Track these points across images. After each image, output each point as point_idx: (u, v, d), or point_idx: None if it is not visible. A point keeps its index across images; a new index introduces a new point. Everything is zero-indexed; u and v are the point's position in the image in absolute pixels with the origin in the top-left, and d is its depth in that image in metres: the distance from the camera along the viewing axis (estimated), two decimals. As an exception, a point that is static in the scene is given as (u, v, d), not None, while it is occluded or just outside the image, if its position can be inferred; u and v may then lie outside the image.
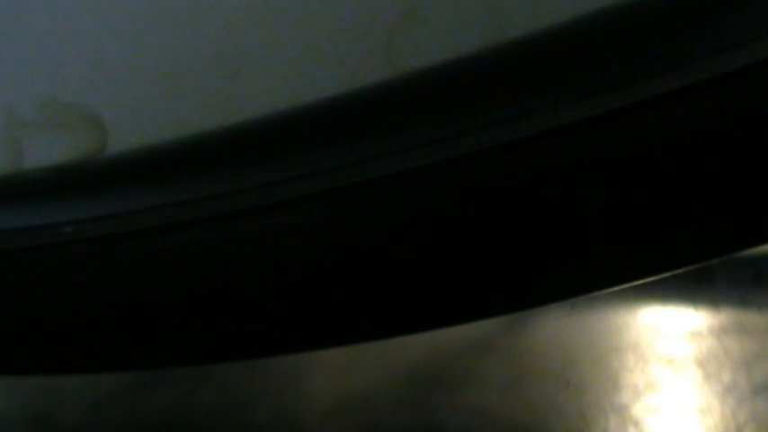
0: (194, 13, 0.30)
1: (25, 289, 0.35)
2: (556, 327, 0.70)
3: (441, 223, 0.30)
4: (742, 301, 0.72)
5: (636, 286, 0.34)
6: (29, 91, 0.32)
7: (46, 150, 0.32)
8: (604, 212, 0.30)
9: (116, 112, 0.31)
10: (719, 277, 0.75)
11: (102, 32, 0.31)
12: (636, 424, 0.52)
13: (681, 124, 0.28)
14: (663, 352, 0.64)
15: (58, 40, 0.31)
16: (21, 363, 0.38)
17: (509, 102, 0.29)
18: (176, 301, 0.33)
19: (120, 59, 0.31)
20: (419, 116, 0.30)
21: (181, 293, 0.33)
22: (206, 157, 0.31)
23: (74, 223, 0.33)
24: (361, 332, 0.34)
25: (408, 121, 0.30)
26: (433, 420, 0.55)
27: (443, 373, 0.63)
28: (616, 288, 0.32)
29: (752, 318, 0.69)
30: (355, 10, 0.29)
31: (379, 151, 0.30)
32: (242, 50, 0.30)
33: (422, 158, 0.30)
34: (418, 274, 0.31)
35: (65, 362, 0.37)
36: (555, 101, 0.29)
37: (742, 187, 0.29)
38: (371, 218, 0.31)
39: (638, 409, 0.54)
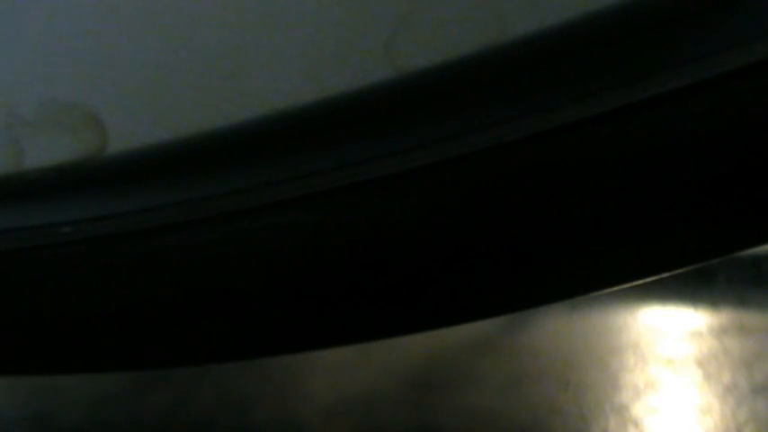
0: (194, 12, 0.30)
1: (25, 289, 0.35)
2: (556, 327, 0.70)
3: (441, 223, 0.30)
4: (742, 301, 0.72)
5: (636, 286, 0.33)
6: (29, 91, 0.32)
7: (46, 150, 0.32)
8: (604, 212, 0.30)
9: (116, 112, 0.31)
10: (719, 277, 0.75)
11: (101, 32, 0.31)
12: (636, 424, 0.52)
13: (681, 124, 0.28)
14: (663, 352, 0.64)
15: (58, 40, 0.31)
16: (21, 363, 0.38)
17: (509, 102, 0.29)
18: (176, 301, 0.33)
19: (119, 59, 0.31)
20: (420, 116, 0.30)
21: (180, 293, 0.33)
22: (206, 157, 0.31)
23: (74, 223, 0.33)
24: (361, 332, 0.34)
25: (409, 120, 0.30)
26: (432, 420, 0.55)
27: (443, 373, 0.63)
28: (616, 288, 0.32)
29: (752, 318, 0.69)
30: (355, 10, 0.29)
31: (379, 151, 0.30)
32: (242, 50, 0.30)
33: (422, 158, 0.30)
34: (418, 274, 0.31)
35: (65, 362, 0.37)
36: (555, 101, 0.29)
37: (742, 187, 0.29)
38: (372, 218, 0.31)
39: (638, 409, 0.54)
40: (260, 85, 0.30)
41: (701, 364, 0.60)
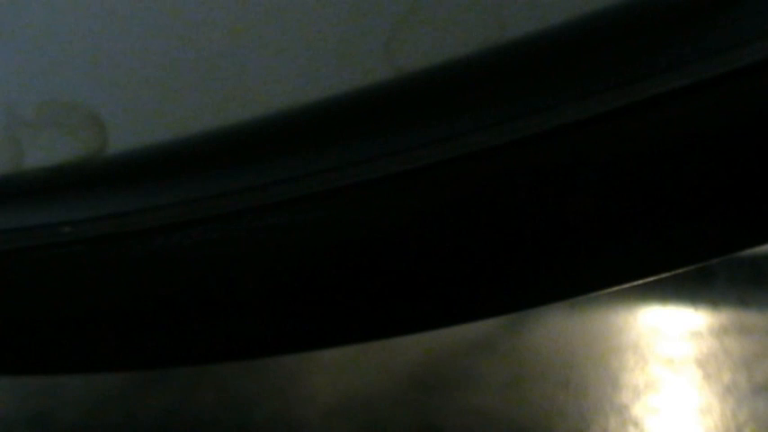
0: (194, 13, 0.30)
1: (25, 289, 0.35)
2: (556, 327, 0.70)
3: (441, 223, 0.30)
4: (742, 301, 0.72)
5: (636, 286, 0.33)
6: (29, 91, 0.32)
7: (46, 150, 0.32)
8: (604, 212, 0.30)
9: (116, 112, 0.31)
10: (719, 277, 0.75)
11: (102, 32, 0.31)
12: (636, 424, 0.52)
13: (681, 124, 0.28)
14: (663, 352, 0.64)
15: (58, 40, 0.31)
16: (21, 363, 0.38)
17: (509, 102, 0.29)
18: (176, 301, 0.33)
19: (120, 59, 0.31)
20: (420, 116, 0.30)
21: (180, 293, 0.33)
22: (206, 157, 0.31)
23: (73, 223, 0.33)
24: (361, 332, 0.34)
25: (409, 120, 0.30)
26: (432, 420, 0.55)
27: (443, 373, 0.63)
28: (616, 288, 0.32)
29: (752, 318, 0.69)
30: (355, 10, 0.29)
31: (379, 151, 0.30)
32: (242, 50, 0.30)
33: (422, 158, 0.30)
34: (419, 274, 0.31)
35: (65, 362, 0.37)
36: (555, 101, 0.29)
37: (742, 187, 0.29)
38: (371, 218, 0.31)
39: (638, 409, 0.54)
40: (260, 85, 0.30)
41: (701, 364, 0.60)
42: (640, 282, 0.32)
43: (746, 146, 0.28)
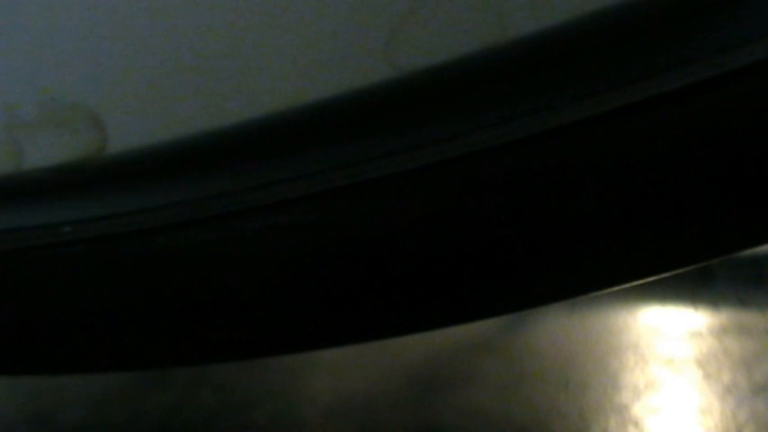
0: (194, 13, 0.30)
1: (25, 289, 0.35)
2: (556, 327, 0.70)
3: (440, 223, 0.30)
4: (742, 301, 0.72)
5: (636, 286, 0.34)
6: (29, 91, 0.32)
7: (46, 150, 0.32)
8: (604, 212, 0.30)
9: (116, 112, 0.31)
10: (719, 277, 0.75)
11: (102, 32, 0.31)
12: (636, 424, 0.52)
13: (681, 124, 0.28)
14: (663, 352, 0.64)
15: (58, 40, 0.31)
16: (21, 363, 0.38)
17: (509, 101, 0.29)
18: (176, 301, 0.33)
19: (120, 59, 0.31)
20: (420, 116, 0.30)
21: (180, 293, 0.33)
22: (206, 157, 0.31)
23: (73, 223, 0.33)
24: (361, 332, 0.34)
25: (408, 121, 0.30)
26: (432, 420, 0.55)
27: (443, 373, 0.63)
28: (616, 288, 0.32)
29: (752, 318, 0.69)
30: (355, 10, 0.29)
31: (378, 151, 0.30)
32: (242, 50, 0.30)
33: (422, 158, 0.30)
34: (418, 274, 0.31)
35: (65, 362, 0.37)
36: (555, 101, 0.29)
37: (742, 187, 0.29)
38: (371, 218, 0.31)
39: (638, 409, 0.54)
40: (260, 85, 0.30)
41: (701, 364, 0.60)
42: (640, 282, 0.32)
43: (746, 146, 0.28)
